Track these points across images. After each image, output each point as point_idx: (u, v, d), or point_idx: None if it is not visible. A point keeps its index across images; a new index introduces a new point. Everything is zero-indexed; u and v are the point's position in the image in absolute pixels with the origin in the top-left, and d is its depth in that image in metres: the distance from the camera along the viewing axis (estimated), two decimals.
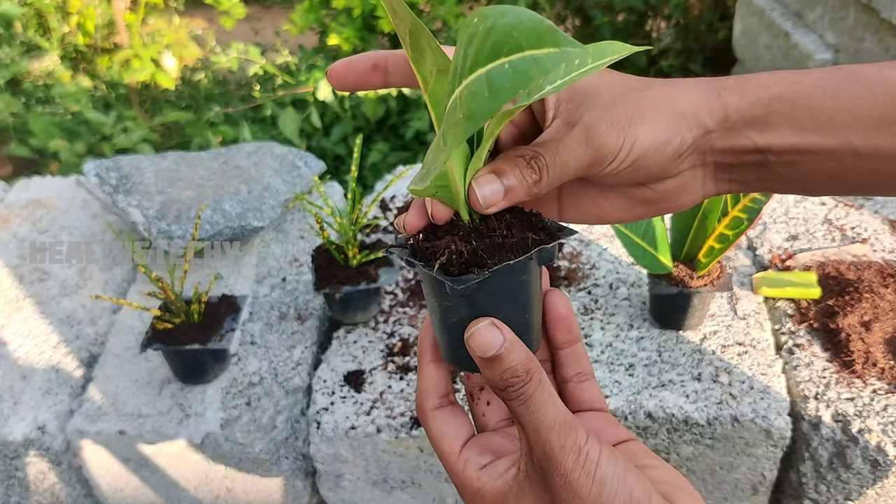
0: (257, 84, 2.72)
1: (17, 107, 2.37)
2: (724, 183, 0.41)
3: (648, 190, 0.41)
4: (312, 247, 1.22)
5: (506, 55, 0.30)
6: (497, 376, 0.36)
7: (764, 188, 0.41)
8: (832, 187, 0.40)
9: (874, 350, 0.95)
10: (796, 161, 0.39)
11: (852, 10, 1.54)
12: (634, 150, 0.38)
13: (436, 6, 2.27)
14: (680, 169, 0.40)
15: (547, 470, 0.35)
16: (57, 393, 1.05)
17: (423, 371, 0.42)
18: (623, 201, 0.42)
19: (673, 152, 0.39)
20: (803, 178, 0.39)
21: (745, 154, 0.39)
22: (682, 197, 0.41)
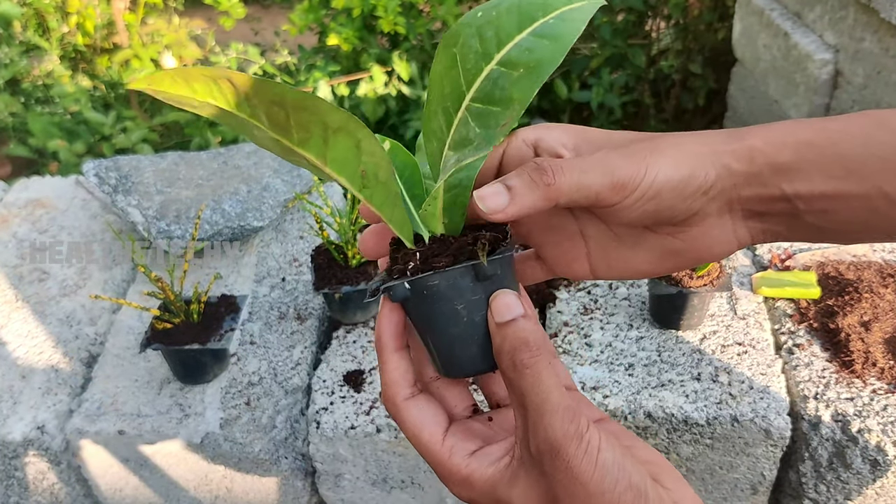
0: None
1: (17, 107, 2.36)
2: (759, 233, 0.40)
3: (677, 240, 0.40)
4: (312, 247, 1.22)
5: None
6: (509, 343, 0.36)
7: (798, 238, 0.40)
8: (866, 235, 0.39)
9: (874, 350, 0.95)
10: (827, 209, 0.38)
11: (852, 11, 1.54)
12: (657, 180, 0.37)
13: (435, 6, 2.27)
14: (707, 211, 0.39)
15: (547, 455, 0.34)
16: (56, 393, 1.05)
17: (388, 362, 0.40)
18: (653, 255, 0.41)
19: (697, 187, 0.38)
20: (836, 228, 0.38)
21: (773, 202, 0.38)
22: (713, 247, 0.40)
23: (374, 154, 0.36)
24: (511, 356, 0.36)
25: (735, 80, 2.10)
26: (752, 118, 2.02)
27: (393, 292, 0.38)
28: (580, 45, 2.33)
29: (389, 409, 0.40)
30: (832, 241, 0.40)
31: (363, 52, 2.33)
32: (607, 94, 2.15)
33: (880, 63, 1.47)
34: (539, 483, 0.35)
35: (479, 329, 0.38)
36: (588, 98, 2.18)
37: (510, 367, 0.36)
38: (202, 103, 0.33)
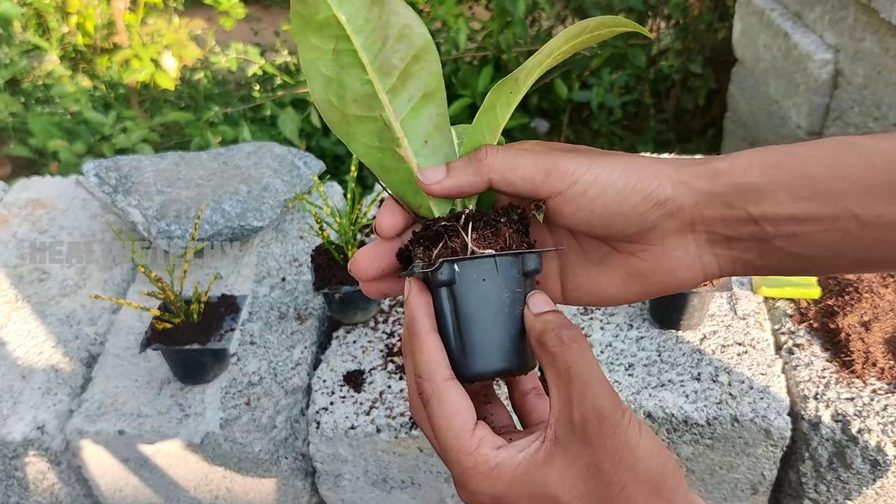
0: (257, 84, 2.72)
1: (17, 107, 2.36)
2: (727, 261, 0.39)
3: (640, 260, 0.40)
4: (312, 247, 1.22)
5: None
6: (552, 324, 0.37)
7: (770, 268, 0.39)
8: (840, 263, 0.38)
9: (874, 350, 0.95)
10: (797, 233, 0.37)
11: (852, 11, 1.54)
12: (600, 178, 0.37)
13: (435, 6, 2.27)
14: (666, 228, 0.38)
15: (594, 422, 0.34)
16: (56, 393, 1.05)
17: (427, 341, 0.39)
18: (619, 277, 0.41)
19: (647, 195, 0.37)
20: (808, 254, 0.38)
21: (739, 224, 0.38)
22: (676, 270, 0.39)
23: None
24: (556, 332, 0.36)
25: (735, 80, 2.10)
26: (752, 118, 2.02)
27: (441, 272, 0.37)
28: None
29: (426, 387, 0.38)
30: (806, 272, 0.39)
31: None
32: (607, 94, 2.15)
33: (880, 63, 1.47)
34: (580, 456, 0.34)
35: (517, 324, 0.39)
36: (588, 98, 2.18)
37: (556, 342, 0.36)
38: None
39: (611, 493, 0.34)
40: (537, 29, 2.49)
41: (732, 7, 2.10)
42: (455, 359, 0.39)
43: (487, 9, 2.55)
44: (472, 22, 2.42)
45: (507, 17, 2.23)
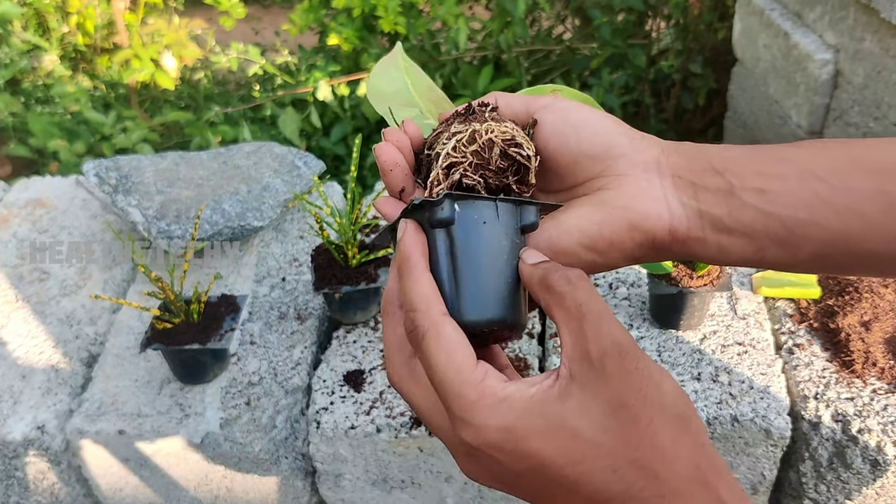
0: (257, 84, 2.72)
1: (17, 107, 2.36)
2: (694, 214, 0.39)
3: (605, 191, 0.40)
4: (312, 247, 1.22)
5: None
6: (554, 265, 0.36)
7: (743, 231, 0.38)
8: (818, 233, 0.37)
9: (874, 350, 0.95)
10: (765, 189, 0.37)
11: (852, 11, 1.54)
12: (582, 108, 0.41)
13: (435, 6, 2.27)
14: (633, 159, 0.39)
15: (614, 356, 0.32)
16: (56, 393, 1.05)
17: (421, 279, 0.37)
18: (583, 209, 0.40)
19: (619, 127, 0.40)
20: (780, 213, 0.37)
21: (704, 173, 0.38)
22: (641, 199, 0.39)
23: None
24: (562, 273, 0.35)
25: (735, 80, 2.10)
26: (752, 118, 2.02)
27: (441, 208, 0.37)
28: (580, 45, 2.33)
29: (422, 321, 0.36)
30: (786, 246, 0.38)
31: (363, 51, 2.33)
32: (607, 94, 2.15)
33: (880, 63, 1.47)
34: (601, 391, 0.32)
35: (514, 275, 0.38)
36: None
37: (563, 282, 0.35)
38: None
39: (637, 429, 0.32)
40: (537, 29, 2.49)
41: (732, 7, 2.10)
42: (448, 305, 0.37)
43: (487, 9, 2.55)
44: (472, 22, 2.42)
45: (507, 17, 2.23)
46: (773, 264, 0.39)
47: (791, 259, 0.38)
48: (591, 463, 0.32)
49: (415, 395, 0.38)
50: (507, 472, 0.34)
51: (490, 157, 0.39)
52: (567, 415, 0.32)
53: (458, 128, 0.40)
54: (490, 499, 1.02)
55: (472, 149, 0.39)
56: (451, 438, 0.35)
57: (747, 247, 0.38)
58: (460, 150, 0.39)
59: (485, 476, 0.35)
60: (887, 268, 0.38)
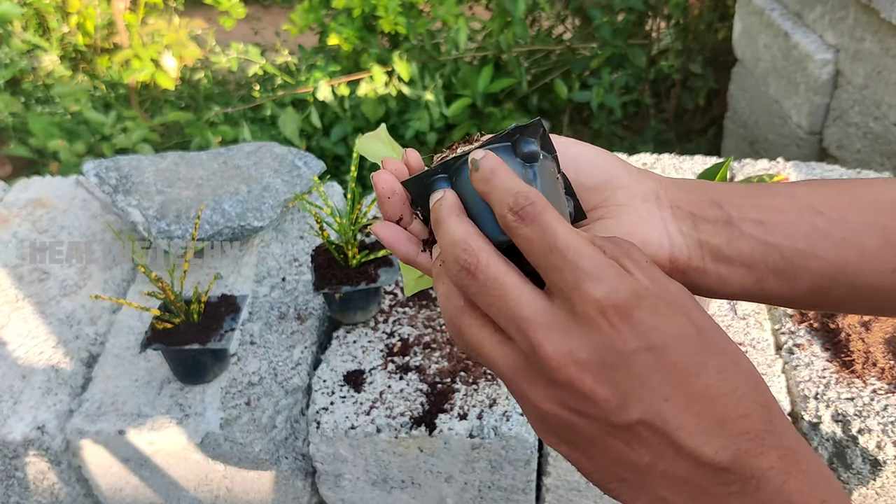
0: (257, 84, 2.72)
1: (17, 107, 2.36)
2: (693, 243, 0.39)
3: (605, 220, 0.40)
4: (312, 247, 1.22)
5: None
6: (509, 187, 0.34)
7: (742, 260, 0.38)
8: (818, 265, 0.37)
9: (874, 350, 0.95)
10: (763, 220, 0.38)
11: (852, 11, 1.54)
12: (584, 146, 0.41)
13: (436, 6, 2.27)
14: (632, 190, 0.40)
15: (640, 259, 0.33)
16: (56, 393, 1.05)
17: (461, 223, 0.34)
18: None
19: (618, 162, 0.40)
20: (779, 243, 0.37)
21: (703, 205, 0.39)
22: (641, 226, 0.39)
23: None
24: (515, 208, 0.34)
25: (735, 80, 2.10)
26: (752, 118, 2.02)
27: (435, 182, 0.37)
28: (580, 45, 2.33)
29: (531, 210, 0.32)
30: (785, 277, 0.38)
31: (363, 51, 2.33)
32: (607, 95, 2.15)
33: (881, 63, 1.47)
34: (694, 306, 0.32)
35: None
36: (588, 98, 2.19)
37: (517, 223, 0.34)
38: None
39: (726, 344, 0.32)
40: (537, 29, 2.49)
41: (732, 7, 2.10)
42: None
43: (487, 9, 2.55)
44: (472, 22, 2.42)
45: (507, 17, 2.23)
46: (772, 297, 0.39)
47: (790, 291, 0.38)
48: (707, 358, 0.30)
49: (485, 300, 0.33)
50: (621, 349, 0.30)
51: None
52: (690, 307, 0.32)
53: (462, 148, 0.40)
54: (490, 499, 1.02)
55: None
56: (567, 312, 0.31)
57: (746, 277, 0.38)
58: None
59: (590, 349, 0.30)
60: (886, 303, 0.38)
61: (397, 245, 0.40)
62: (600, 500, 1.03)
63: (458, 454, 0.96)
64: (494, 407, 0.95)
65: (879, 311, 0.39)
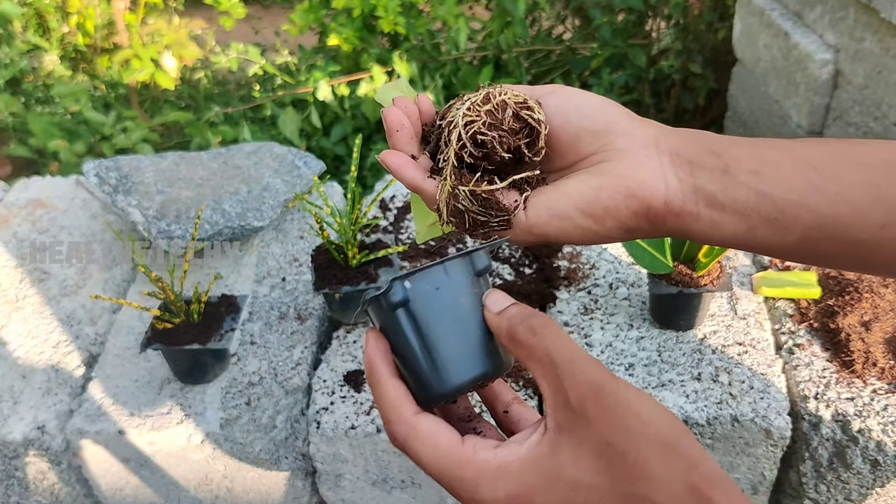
0: (257, 84, 2.72)
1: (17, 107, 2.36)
2: (689, 189, 0.40)
3: (604, 162, 0.41)
4: (312, 247, 1.22)
5: None
6: (518, 317, 0.36)
7: (735, 208, 0.39)
8: (808, 216, 0.38)
9: (874, 350, 0.95)
10: (759, 171, 0.39)
11: (852, 10, 1.54)
12: (588, 95, 0.43)
13: (435, 6, 2.27)
14: (632, 135, 0.41)
15: (591, 398, 0.33)
16: (57, 393, 1.05)
17: (387, 384, 0.38)
18: (582, 177, 0.41)
19: (619, 109, 0.42)
20: (772, 192, 0.38)
21: (701, 153, 0.40)
22: (639, 171, 0.40)
23: None
24: (526, 324, 0.36)
25: (735, 79, 2.10)
26: (752, 118, 2.02)
27: (393, 293, 0.38)
28: (580, 45, 2.33)
29: (398, 428, 0.37)
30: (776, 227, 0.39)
31: (363, 51, 2.33)
32: (607, 94, 2.15)
33: (881, 63, 1.47)
34: (587, 437, 0.33)
35: (482, 327, 0.39)
36: None
37: (528, 334, 0.35)
38: None
39: (627, 463, 0.32)
40: (537, 29, 2.49)
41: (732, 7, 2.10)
42: (429, 379, 0.38)
43: (487, 9, 2.55)
44: (472, 22, 2.42)
45: (508, 17, 2.23)
46: (762, 246, 0.40)
47: (780, 241, 0.39)
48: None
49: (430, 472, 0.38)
50: None
51: (503, 118, 0.41)
52: (561, 468, 0.34)
53: (471, 95, 0.42)
54: None
55: (486, 108, 0.41)
56: None
57: (739, 224, 0.39)
58: (475, 109, 0.41)
59: None
60: (869, 259, 0.38)
61: (404, 170, 0.42)
62: None
63: None
64: None
65: (863, 266, 0.39)
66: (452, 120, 0.42)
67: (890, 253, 0.37)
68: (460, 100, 0.43)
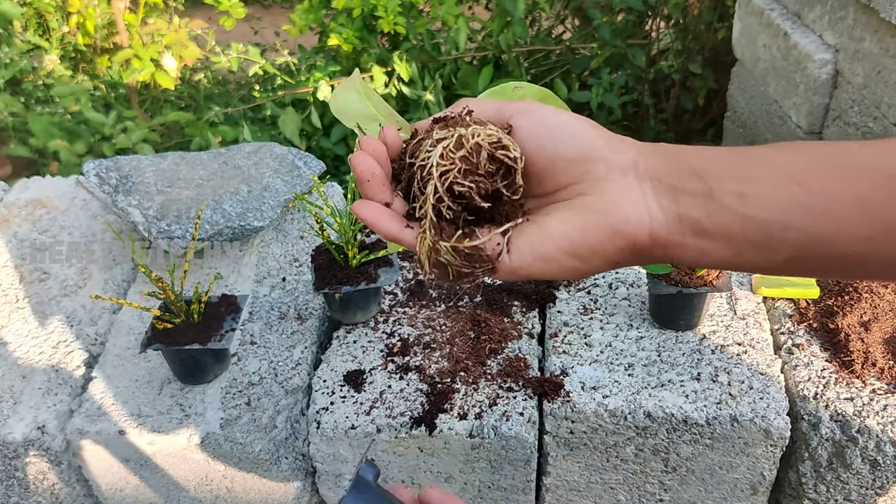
0: (257, 84, 2.72)
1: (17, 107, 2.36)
2: (673, 218, 0.39)
3: (585, 196, 0.40)
4: (312, 247, 1.22)
5: None
6: None
7: (722, 233, 0.38)
8: (795, 236, 0.37)
9: (873, 350, 0.95)
10: (744, 192, 0.38)
11: (852, 10, 1.54)
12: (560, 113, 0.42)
13: (435, 6, 2.27)
14: (611, 162, 0.40)
15: None
16: (57, 393, 1.06)
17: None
18: (564, 214, 0.40)
19: (595, 130, 0.41)
20: (758, 215, 0.37)
21: (683, 175, 0.39)
22: (622, 202, 0.39)
23: None
24: None
25: (735, 80, 2.10)
26: (752, 118, 2.02)
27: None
28: (580, 45, 2.33)
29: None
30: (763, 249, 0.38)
31: (363, 52, 2.33)
32: (607, 94, 2.15)
33: (880, 63, 1.47)
34: None
35: None
36: (588, 98, 2.19)
37: None
38: None
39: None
40: (537, 29, 2.49)
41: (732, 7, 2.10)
42: None
43: (487, 9, 2.55)
44: (472, 22, 2.42)
45: (507, 17, 2.23)
46: (750, 267, 0.39)
47: (767, 262, 0.39)
48: None
49: None
50: None
51: (478, 162, 0.39)
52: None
53: (441, 134, 0.40)
54: (490, 499, 1.02)
55: (459, 154, 0.39)
56: None
57: (726, 250, 0.39)
58: (448, 156, 0.39)
59: None
60: (854, 269, 0.38)
61: (380, 224, 0.41)
62: (600, 500, 1.03)
63: (458, 454, 0.96)
64: (494, 407, 0.95)
65: (849, 275, 0.39)
66: (425, 164, 0.40)
67: (876, 263, 0.37)
68: (428, 135, 0.41)
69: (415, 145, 0.41)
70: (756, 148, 0.39)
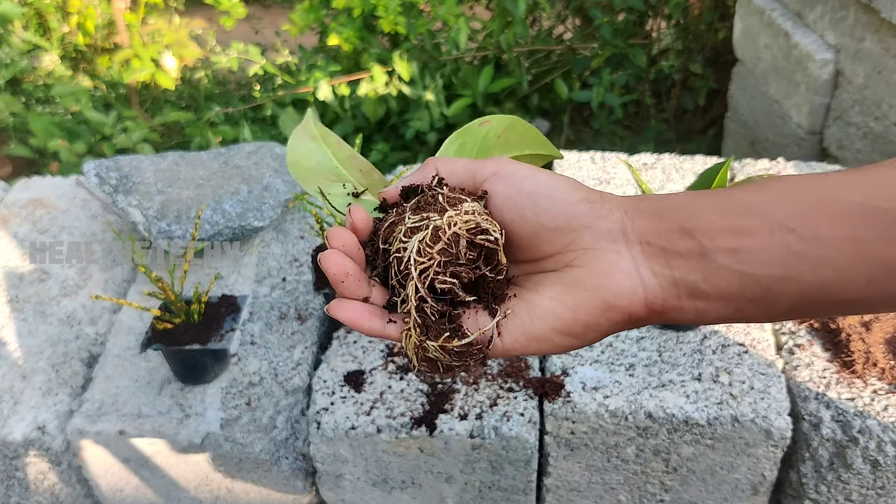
0: (257, 84, 2.72)
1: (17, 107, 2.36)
2: (668, 283, 0.37)
3: (573, 268, 0.38)
4: (312, 247, 1.22)
5: None
6: None
7: (720, 294, 0.37)
8: (793, 288, 0.36)
9: (874, 350, 0.95)
10: (737, 248, 0.36)
11: (852, 10, 1.54)
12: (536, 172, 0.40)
13: (436, 6, 2.27)
14: (597, 229, 0.38)
15: None
16: (57, 393, 1.05)
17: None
18: (554, 290, 0.38)
19: (577, 191, 0.39)
20: (755, 272, 0.36)
21: (673, 236, 0.37)
22: (613, 274, 0.38)
23: None
24: None
25: (736, 79, 2.10)
26: (752, 118, 2.02)
27: None
28: (581, 45, 2.33)
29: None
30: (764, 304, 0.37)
31: (364, 51, 2.33)
32: (608, 94, 2.15)
33: (881, 63, 1.47)
34: None
35: None
36: (588, 98, 2.18)
37: None
38: None
39: None
40: (538, 29, 2.49)
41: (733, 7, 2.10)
42: None
43: (488, 9, 2.55)
44: (473, 22, 2.42)
45: (508, 17, 2.23)
46: (750, 320, 0.38)
47: (768, 314, 0.38)
48: None
49: None
50: None
51: (458, 252, 0.37)
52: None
53: (414, 220, 0.38)
54: (490, 499, 1.02)
55: (437, 248, 0.37)
56: None
57: (725, 309, 0.38)
58: (425, 252, 0.37)
59: None
60: (859, 309, 0.37)
61: (360, 324, 0.39)
62: (601, 500, 1.03)
63: (459, 454, 0.96)
64: (495, 407, 0.95)
65: (854, 313, 0.38)
66: (401, 256, 0.37)
67: (879, 303, 0.36)
68: (400, 219, 0.39)
69: (387, 230, 0.39)
70: (742, 191, 0.38)
